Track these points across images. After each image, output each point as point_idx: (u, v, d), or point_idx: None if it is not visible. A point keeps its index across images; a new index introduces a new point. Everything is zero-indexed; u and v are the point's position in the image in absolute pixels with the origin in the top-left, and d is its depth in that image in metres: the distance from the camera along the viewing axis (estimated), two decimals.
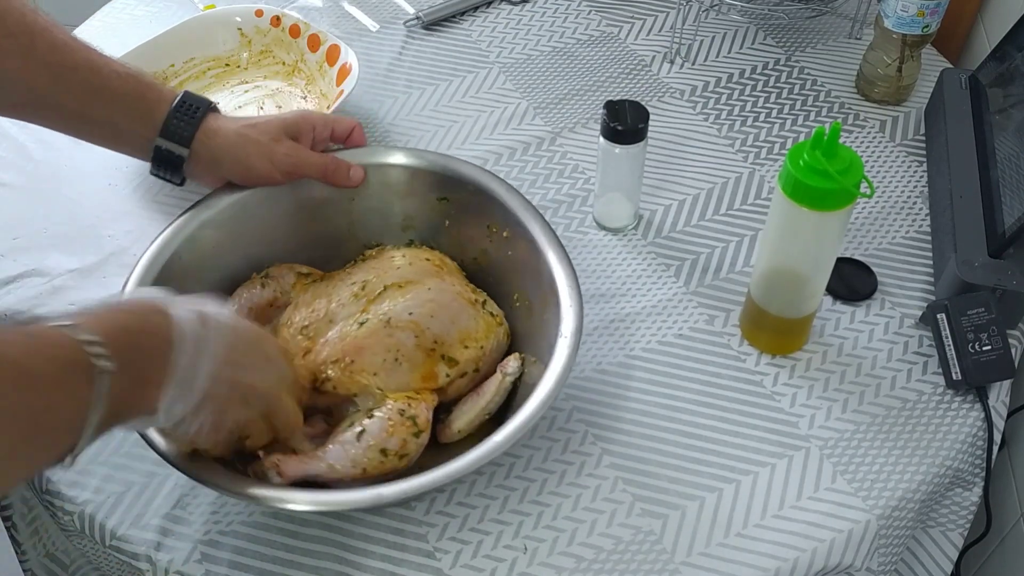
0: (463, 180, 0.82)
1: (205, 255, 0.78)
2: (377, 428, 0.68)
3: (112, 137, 0.78)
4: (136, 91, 0.76)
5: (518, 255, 0.78)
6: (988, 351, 0.76)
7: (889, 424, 0.77)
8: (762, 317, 0.79)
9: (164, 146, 0.76)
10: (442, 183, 0.82)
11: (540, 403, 0.66)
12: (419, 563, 0.69)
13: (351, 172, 0.81)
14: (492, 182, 0.81)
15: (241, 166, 0.78)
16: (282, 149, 0.78)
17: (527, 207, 0.79)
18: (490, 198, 0.80)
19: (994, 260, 0.79)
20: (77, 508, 0.73)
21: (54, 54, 0.72)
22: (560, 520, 0.71)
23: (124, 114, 0.76)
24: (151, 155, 0.77)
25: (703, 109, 1.03)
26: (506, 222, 0.79)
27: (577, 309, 0.71)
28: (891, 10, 0.95)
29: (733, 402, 0.78)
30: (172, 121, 0.76)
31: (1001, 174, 0.83)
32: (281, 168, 0.78)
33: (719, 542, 0.70)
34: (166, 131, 0.76)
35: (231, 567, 0.69)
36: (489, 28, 1.13)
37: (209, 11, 1.07)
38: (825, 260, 0.75)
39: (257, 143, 0.77)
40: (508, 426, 0.66)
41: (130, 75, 0.76)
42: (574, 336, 0.70)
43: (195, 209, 0.79)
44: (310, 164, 0.79)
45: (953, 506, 0.80)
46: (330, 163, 0.80)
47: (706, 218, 0.92)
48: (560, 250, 0.75)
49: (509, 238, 0.79)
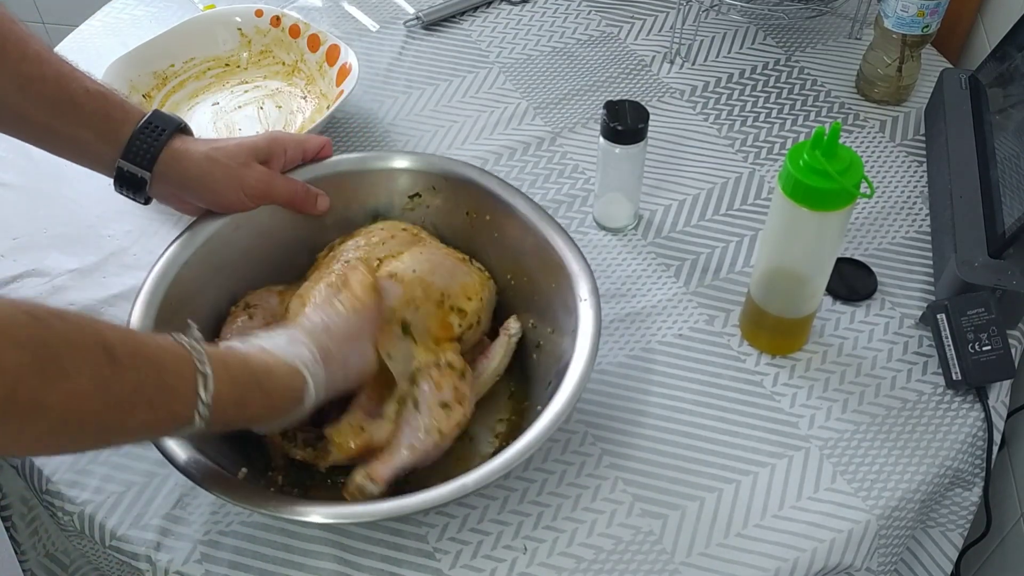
0: (432, 173, 0.82)
1: (190, 291, 0.76)
2: (427, 389, 0.69)
3: (77, 153, 0.76)
4: (103, 109, 0.74)
5: (506, 235, 0.79)
6: (988, 351, 0.76)
7: (889, 424, 0.77)
8: (762, 317, 0.79)
9: (125, 168, 0.74)
10: (413, 179, 0.82)
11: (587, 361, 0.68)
12: (419, 563, 0.69)
13: (318, 200, 0.80)
14: (465, 169, 0.81)
15: (208, 192, 0.76)
16: (252, 175, 0.77)
17: (505, 187, 0.79)
18: (461, 184, 0.80)
19: (994, 260, 0.79)
20: (77, 508, 0.73)
21: (24, 64, 0.71)
22: (560, 520, 0.71)
23: (89, 131, 0.74)
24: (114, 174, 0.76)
25: (703, 109, 1.03)
26: (485, 206, 0.79)
27: (588, 273, 0.73)
28: (891, 10, 0.95)
29: (733, 402, 0.78)
30: (135, 142, 0.74)
31: (1001, 174, 0.83)
32: (250, 194, 0.77)
33: (719, 542, 0.70)
34: (128, 152, 0.74)
35: (231, 567, 0.69)
36: (489, 28, 1.13)
37: (209, 11, 1.07)
38: (825, 260, 0.74)
39: (226, 168, 0.76)
40: (563, 392, 0.67)
41: (99, 92, 0.74)
42: (593, 296, 0.71)
43: (169, 254, 0.76)
44: (280, 192, 0.78)
45: (953, 506, 0.80)
46: (299, 191, 0.79)
47: (706, 218, 0.92)
48: (549, 219, 0.76)
49: (492, 221, 0.79)
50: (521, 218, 0.78)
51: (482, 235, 0.81)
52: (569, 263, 0.74)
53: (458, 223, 0.82)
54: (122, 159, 0.74)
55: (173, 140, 0.75)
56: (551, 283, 0.75)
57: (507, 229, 0.79)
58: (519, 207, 0.78)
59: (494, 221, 0.80)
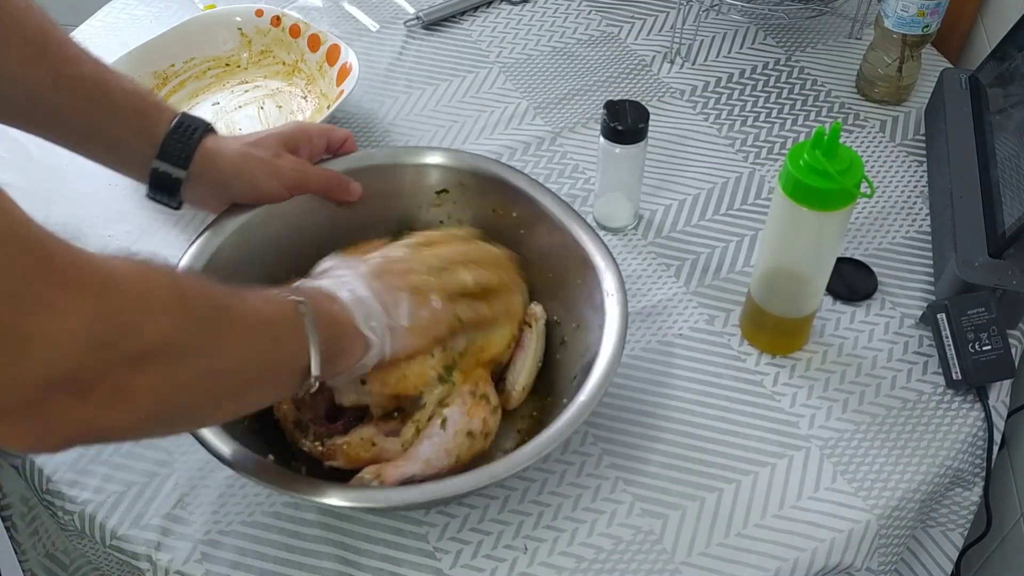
0: (461, 169, 0.82)
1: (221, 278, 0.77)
2: (457, 413, 0.69)
3: (112, 153, 0.76)
4: (139, 108, 0.74)
5: (532, 232, 0.79)
6: (988, 351, 0.76)
7: (889, 424, 0.77)
8: (762, 317, 0.79)
9: (160, 168, 0.74)
10: (441, 175, 0.82)
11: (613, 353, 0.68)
12: (419, 563, 0.69)
13: (351, 187, 0.81)
14: (491, 165, 0.81)
15: (247, 186, 0.77)
16: (287, 164, 0.77)
17: (531, 183, 0.79)
18: (490, 181, 0.80)
19: (994, 260, 0.79)
20: (77, 508, 0.73)
21: (64, 65, 0.72)
22: (560, 520, 0.71)
23: (125, 130, 0.74)
24: (148, 177, 0.75)
25: (703, 109, 1.03)
26: (512, 202, 0.79)
27: (614, 268, 0.72)
28: (891, 10, 0.95)
29: (733, 402, 0.78)
30: (169, 142, 0.74)
31: (1001, 174, 0.83)
32: (287, 184, 0.77)
33: (719, 542, 0.70)
34: (163, 152, 0.74)
35: (231, 567, 0.69)
36: (489, 28, 1.13)
37: (209, 11, 1.07)
38: (825, 260, 0.75)
39: (261, 161, 0.76)
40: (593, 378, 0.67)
41: (136, 92, 0.75)
42: (620, 291, 0.71)
43: (199, 243, 0.76)
44: (314, 180, 0.79)
45: (953, 506, 0.80)
46: (331, 179, 0.80)
47: (706, 218, 0.92)
48: (575, 215, 0.76)
49: (519, 217, 0.79)
50: (548, 215, 0.78)
51: (508, 231, 0.81)
52: (595, 259, 0.74)
53: (484, 219, 0.82)
54: (157, 159, 0.74)
55: (205, 139, 0.75)
56: (577, 279, 0.75)
57: (534, 225, 0.79)
58: (546, 204, 0.78)
59: (521, 217, 0.80)
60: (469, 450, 0.69)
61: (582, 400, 0.66)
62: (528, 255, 0.79)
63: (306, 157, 0.80)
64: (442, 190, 0.83)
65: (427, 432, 0.69)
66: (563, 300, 0.77)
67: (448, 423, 0.69)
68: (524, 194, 0.79)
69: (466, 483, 0.64)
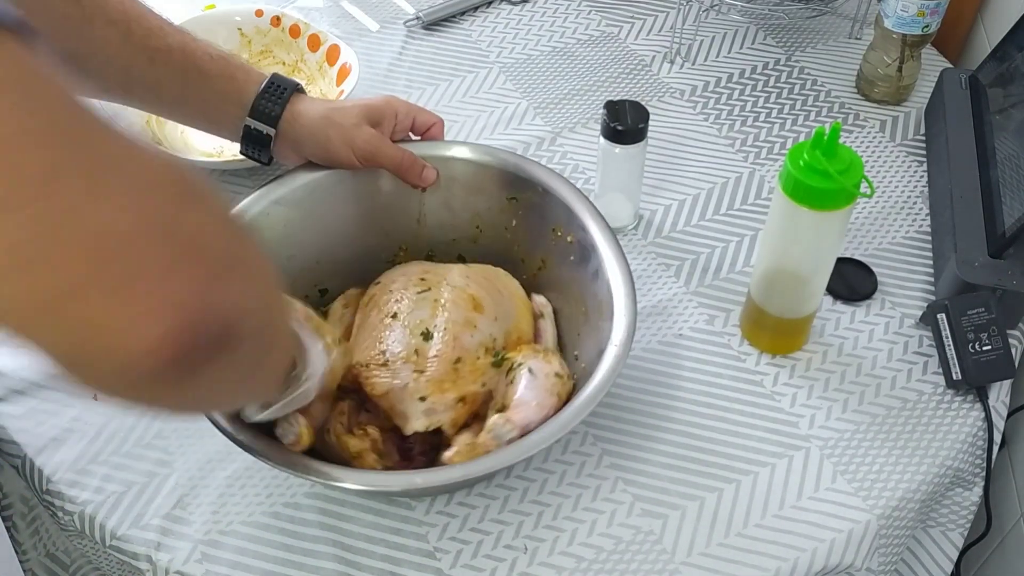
0: (532, 180, 0.80)
1: (276, 232, 0.79)
2: (536, 362, 0.70)
3: (205, 117, 0.81)
4: (227, 72, 0.78)
5: (580, 261, 0.77)
6: (988, 351, 0.76)
7: (889, 424, 0.77)
8: (762, 317, 0.79)
9: (253, 126, 0.78)
10: (512, 182, 0.81)
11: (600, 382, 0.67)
12: (419, 563, 0.69)
13: (424, 172, 0.81)
14: (560, 184, 0.79)
15: (321, 148, 0.79)
16: (362, 135, 0.79)
17: (592, 212, 0.77)
18: (557, 201, 0.79)
19: (994, 260, 0.79)
20: (77, 508, 0.73)
21: (150, 39, 0.75)
22: (560, 520, 0.71)
23: (216, 94, 0.78)
24: (240, 135, 0.79)
25: (703, 109, 1.03)
26: (571, 226, 0.78)
27: (630, 320, 0.70)
28: (891, 10, 0.95)
29: (733, 402, 0.78)
30: (260, 102, 0.78)
31: (1001, 174, 0.83)
32: (359, 155, 0.79)
33: (719, 542, 0.70)
34: (255, 111, 0.78)
35: (231, 567, 0.69)
36: (489, 28, 1.13)
37: (209, 11, 1.07)
38: (825, 260, 0.75)
39: (339, 127, 0.78)
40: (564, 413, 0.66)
41: (222, 57, 0.78)
42: (623, 346, 0.68)
43: (268, 187, 0.79)
44: (387, 156, 0.80)
45: (953, 506, 0.80)
46: (406, 159, 0.80)
47: (706, 218, 0.92)
48: (621, 258, 0.74)
49: (573, 243, 0.78)
50: (596, 249, 0.75)
51: (560, 254, 0.79)
52: (619, 309, 0.71)
53: (542, 236, 0.80)
54: (249, 117, 0.78)
55: (293, 99, 0.78)
56: (604, 320, 0.72)
57: (582, 256, 0.77)
58: (595, 238, 0.76)
59: (574, 244, 0.78)
60: (564, 387, 0.69)
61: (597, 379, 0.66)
62: (571, 283, 0.78)
63: (388, 132, 0.81)
64: (512, 197, 0.81)
65: (519, 383, 0.69)
66: (585, 337, 0.75)
67: (534, 370, 0.69)
68: (580, 221, 0.77)
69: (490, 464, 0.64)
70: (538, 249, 0.81)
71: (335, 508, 0.72)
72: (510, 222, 0.82)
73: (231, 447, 0.75)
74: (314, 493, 0.73)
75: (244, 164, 0.92)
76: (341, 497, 0.73)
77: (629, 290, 0.72)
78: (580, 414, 0.65)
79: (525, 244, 0.82)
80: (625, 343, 0.68)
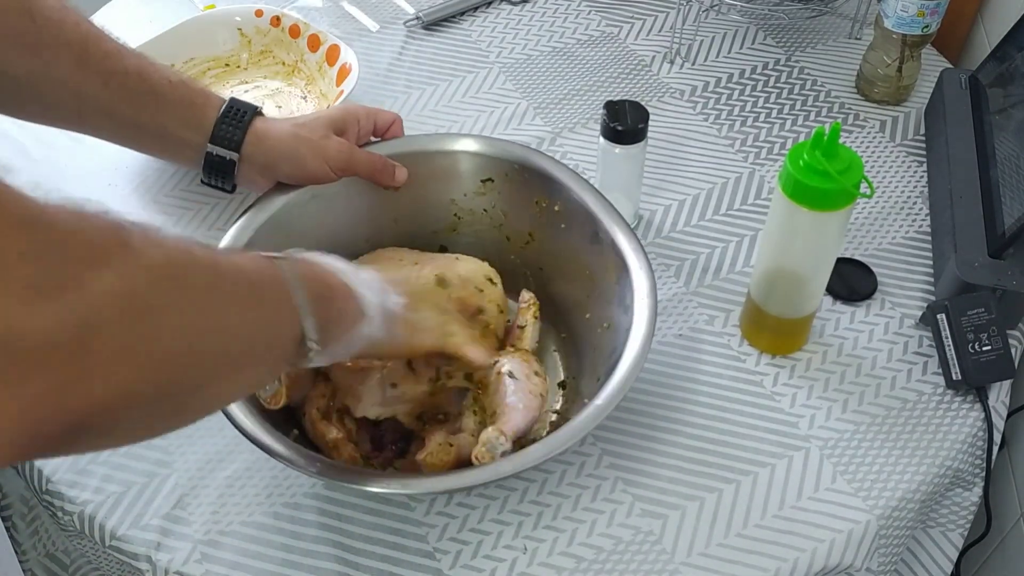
0: (505, 159, 0.82)
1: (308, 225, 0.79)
2: (514, 363, 0.71)
3: (162, 143, 0.78)
4: (186, 97, 0.76)
5: (572, 227, 0.79)
6: (988, 351, 0.76)
7: (889, 424, 0.77)
8: (762, 317, 0.79)
9: (215, 152, 0.76)
10: (484, 165, 0.82)
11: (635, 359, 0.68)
12: (419, 563, 0.69)
13: (396, 172, 0.81)
14: (536, 157, 0.81)
15: (296, 167, 0.78)
16: (333, 146, 0.78)
17: (575, 178, 0.79)
18: (535, 173, 0.80)
19: (994, 260, 0.79)
20: (77, 508, 0.73)
21: (106, 61, 0.73)
22: (560, 520, 0.71)
23: (174, 120, 0.76)
24: (201, 162, 0.77)
25: (703, 109, 1.03)
26: (555, 195, 0.79)
27: (649, 272, 0.72)
28: (891, 10, 0.95)
29: (733, 402, 0.78)
30: (221, 127, 0.76)
31: (1001, 174, 0.83)
32: (334, 166, 0.78)
33: (719, 542, 0.70)
34: (216, 137, 0.76)
35: (231, 567, 0.69)
36: (489, 28, 1.13)
37: (209, 11, 1.07)
38: (825, 260, 0.75)
39: (310, 142, 0.77)
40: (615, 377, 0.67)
41: (181, 82, 0.76)
42: (651, 296, 0.71)
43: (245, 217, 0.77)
44: (360, 162, 0.79)
45: (953, 506, 0.80)
46: (378, 162, 0.80)
47: (706, 218, 0.92)
48: (617, 216, 0.76)
49: (560, 211, 0.79)
50: (589, 212, 0.77)
51: (548, 225, 0.81)
52: (631, 260, 0.73)
53: (526, 210, 0.82)
54: (211, 143, 0.76)
55: (255, 121, 0.77)
56: (612, 279, 0.75)
57: (574, 221, 0.79)
58: (587, 202, 0.78)
59: (562, 211, 0.80)
60: (544, 385, 0.71)
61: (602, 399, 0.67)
62: (565, 249, 0.80)
63: (353, 139, 0.81)
64: (487, 179, 0.83)
65: (502, 390, 0.69)
66: (596, 299, 0.77)
67: (514, 372, 0.70)
68: (568, 189, 0.79)
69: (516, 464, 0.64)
70: (523, 224, 0.82)
71: (335, 508, 0.72)
72: (489, 204, 0.83)
73: (231, 447, 0.75)
74: (314, 493, 0.73)
75: None
76: (341, 498, 0.73)
77: (636, 245, 0.74)
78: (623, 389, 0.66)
79: (509, 222, 0.83)
80: (651, 293, 0.71)
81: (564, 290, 0.81)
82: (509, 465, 0.64)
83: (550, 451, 0.64)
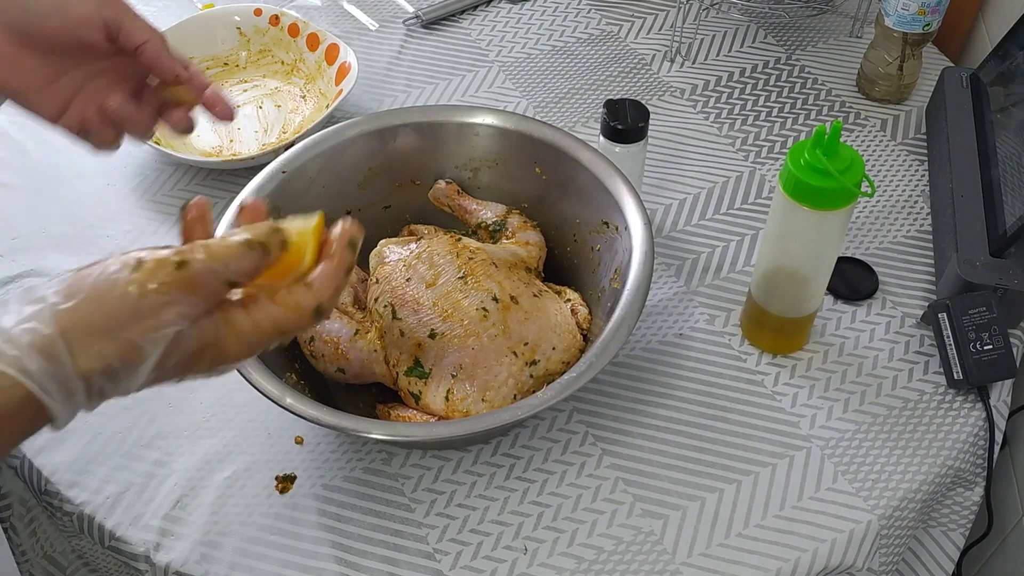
0: (508, 131, 0.83)
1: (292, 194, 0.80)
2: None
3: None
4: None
5: (577, 188, 0.80)
6: (989, 350, 0.76)
7: (890, 424, 0.77)
8: (763, 317, 0.79)
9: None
10: (493, 136, 0.84)
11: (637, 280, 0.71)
12: (419, 564, 0.69)
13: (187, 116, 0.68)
14: (544, 129, 0.82)
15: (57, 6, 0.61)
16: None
17: (578, 143, 0.80)
18: (540, 143, 0.82)
19: (995, 259, 0.79)
20: (76, 508, 0.73)
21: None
22: (560, 521, 0.71)
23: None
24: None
25: (703, 108, 1.02)
26: (556, 162, 0.81)
27: (644, 221, 0.74)
28: (892, 8, 0.95)
29: (734, 402, 0.78)
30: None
31: (1002, 173, 0.83)
32: (104, 14, 0.62)
33: (720, 542, 0.70)
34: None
35: (230, 567, 0.69)
36: (489, 27, 1.13)
37: (208, 10, 1.07)
38: (826, 259, 0.74)
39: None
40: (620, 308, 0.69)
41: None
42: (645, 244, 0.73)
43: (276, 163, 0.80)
44: (138, 25, 0.63)
45: (954, 506, 0.80)
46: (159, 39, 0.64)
47: (706, 218, 0.92)
48: (618, 173, 0.78)
49: (562, 175, 0.81)
50: (591, 173, 0.79)
51: (552, 189, 0.82)
52: (631, 215, 0.75)
53: (528, 177, 0.83)
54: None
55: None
56: (615, 231, 0.77)
57: (578, 182, 0.80)
58: (586, 162, 0.79)
59: (566, 176, 0.81)
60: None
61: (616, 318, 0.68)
62: (571, 213, 0.82)
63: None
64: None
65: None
66: (608, 248, 0.78)
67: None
68: (568, 154, 0.80)
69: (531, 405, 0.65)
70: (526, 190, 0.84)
71: (335, 509, 0.72)
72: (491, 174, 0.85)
73: (230, 448, 0.75)
74: (313, 494, 0.73)
75: (244, 164, 0.92)
76: (341, 498, 0.73)
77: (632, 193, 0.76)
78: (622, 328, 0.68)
79: (512, 191, 0.84)
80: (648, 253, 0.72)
81: (570, 254, 0.83)
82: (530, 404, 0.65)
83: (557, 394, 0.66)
